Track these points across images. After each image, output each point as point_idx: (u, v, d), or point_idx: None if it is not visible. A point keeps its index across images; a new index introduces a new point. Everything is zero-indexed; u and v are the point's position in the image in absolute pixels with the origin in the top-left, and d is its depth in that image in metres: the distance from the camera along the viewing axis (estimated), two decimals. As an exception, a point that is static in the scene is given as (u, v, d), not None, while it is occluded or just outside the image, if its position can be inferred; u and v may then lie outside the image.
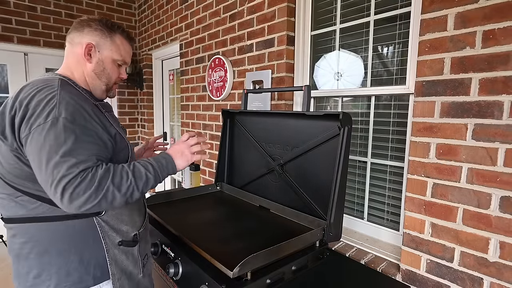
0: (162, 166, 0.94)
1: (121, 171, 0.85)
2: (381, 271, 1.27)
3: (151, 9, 3.42)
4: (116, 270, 1.00)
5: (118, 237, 1.00)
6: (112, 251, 0.99)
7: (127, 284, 1.03)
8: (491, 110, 0.97)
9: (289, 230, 1.33)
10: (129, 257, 1.04)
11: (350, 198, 1.64)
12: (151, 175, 0.90)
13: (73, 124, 0.82)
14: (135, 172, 0.87)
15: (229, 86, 2.22)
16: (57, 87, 0.86)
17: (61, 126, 0.80)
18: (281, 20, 1.77)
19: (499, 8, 0.94)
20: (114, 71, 1.04)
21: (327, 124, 1.32)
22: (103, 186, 0.80)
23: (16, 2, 3.07)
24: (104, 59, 1.00)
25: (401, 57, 1.38)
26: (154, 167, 0.92)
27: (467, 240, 1.04)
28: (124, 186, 0.84)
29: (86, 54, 0.98)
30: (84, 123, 0.84)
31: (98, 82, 1.02)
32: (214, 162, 2.47)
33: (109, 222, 0.98)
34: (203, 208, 1.58)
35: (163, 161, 0.96)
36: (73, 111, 0.83)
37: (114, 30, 1.01)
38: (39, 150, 0.79)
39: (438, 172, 1.10)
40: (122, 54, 1.04)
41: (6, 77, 3.18)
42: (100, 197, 0.80)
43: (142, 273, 1.09)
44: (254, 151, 1.70)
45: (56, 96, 0.83)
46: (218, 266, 0.98)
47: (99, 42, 0.99)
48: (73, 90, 0.91)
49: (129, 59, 1.08)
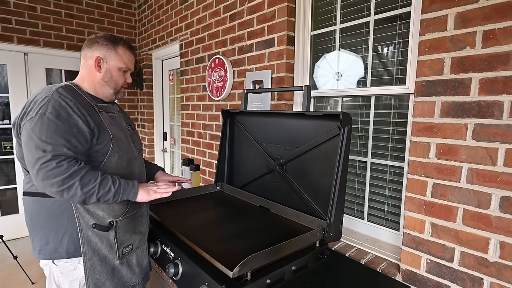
0: (126, 189, 1.08)
1: (92, 175, 1.00)
2: (381, 271, 1.27)
3: (151, 9, 3.42)
4: (88, 249, 1.11)
5: (92, 220, 1.11)
6: (85, 232, 1.10)
7: (99, 265, 1.13)
8: (491, 110, 0.97)
9: (289, 230, 1.33)
10: (103, 241, 1.13)
11: (350, 198, 1.64)
12: (113, 190, 1.04)
13: (57, 118, 1.00)
14: (103, 181, 1.02)
15: (229, 86, 2.22)
16: (52, 91, 1.05)
17: (45, 119, 0.99)
18: (281, 20, 1.77)
19: (499, 8, 0.94)
20: (120, 77, 1.23)
21: (327, 124, 1.32)
22: (71, 179, 0.96)
23: (16, 2, 3.07)
24: (111, 69, 1.20)
25: (401, 57, 1.38)
26: (120, 186, 1.06)
27: (467, 240, 1.04)
28: (87, 188, 0.99)
29: (96, 66, 1.18)
30: (66, 117, 1.01)
31: (107, 87, 1.22)
32: (214, 162, 2.47)
33: (85, 205, 1.09)
34: (203, 208, 1.58)
35: (130, 185, 1.09)
36: (59, 107, 1.02)
37: (117, 43, 1.20)
38: (28, 137, 0.99)
39: (438, 172, 1.10)
40: (125, 62, 1.23)
41: (6, 77, 3.18)
42: (64, 187, 0.96)
43: (119, 260, 1.17)
44: (254, 151, 1.70)
45: (48, 97, 1.03)
46: (218, 266, 0.98)
47: (106, 54, 1.19)
48: (71, 93, 1.09)
49: (132, 66, 1.27)
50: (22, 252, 2.80)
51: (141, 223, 1.27)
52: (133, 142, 1.27)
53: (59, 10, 3.32)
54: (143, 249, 1.29)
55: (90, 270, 1.11)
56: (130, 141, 1.25)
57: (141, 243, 1.27)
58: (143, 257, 1.29)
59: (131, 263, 1.23)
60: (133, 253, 1.23)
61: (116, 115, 1.24)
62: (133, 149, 1.25)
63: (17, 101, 3.21)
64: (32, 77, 3.29)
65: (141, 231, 1.27)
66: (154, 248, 1.34)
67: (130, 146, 1.24)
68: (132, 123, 1.36)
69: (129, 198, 1.10)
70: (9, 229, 3.17)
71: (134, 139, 1.30)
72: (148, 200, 1.14)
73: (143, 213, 1.29)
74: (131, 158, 1.22)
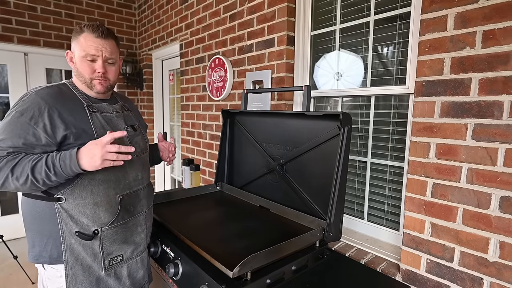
0: (65, 163, 0.96)
1: (24, 163, 0.95)
2: (381, 271, 1.27)
3: (151, 9, 3.42)
4: (71, 258, 1.06)
5: (75, 227, 1.06)
6: (68, 239, 1.06)
7: (81, 275, 1.08)
8: (491, 110, 0.97)
9: (289, 230, 1.33)
10: (87, 250, 1.08)
11: (350, 198, 1.64)
12: (52, 172, 0.96)
13: (17, 119, 0.98)
14: (35, 166, 0.95)
15: (229, 86, 2.22)
16: (35, 90, 1.04)
17: (9, 119, 0.99)
18: (281, 20, 1.77)
19: (499, 8, 0.94)
20: (84, 67, 1.10)
21: (327, 124, 1.32)
22: (3, 173, 0.94)
23: (16, 2, 3.07)
24: (76, 60, 1.11)
25: (401, 57, 1.38)
26: (54, 165, 0.96)
27: (467, 240, 1.04)
28: (22, 178, 0.94)
29: (69, 61, 1.14)
30: (27, 120, 0.98)
31: (79, 82, 1.14)
32: (214, 162, 2.47)
33: (68, 211, 1.05)
34: (203, 208, 1.58)
35: (68, 157, 0.97)
36: (27, 108, 0.99)
37: (82, 31, 1.09)
38: None
39: (438, 172, 1.10)
40: (85, 49, 1.08)
41: (6, 77, 3.18)
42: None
43: (105, 271, 1.11)
44: (254, 151, 1.70)
45: (27, 95, 1.02)
46: (218, 266, 0.98)
47: (73, 47, 1.11)
48: (57, 95, 1.05)
49: (95, 51, 1.08)
50: (22, 252, 2.79)
51: (136, 232, 1.19)
52: (132, 144, 1.19)
53: (59, 10, 3.33)
54: (138, 260, 1.21)
55: (72, 279, 1.06)
56: (128, 144, 1.16)
57: (136, 254, 1.20)
58: (137, 268, 1.20)
59: (120, 275, 1.15)
60: (123, 264, 1.16)
61: (113, 116, 1.16)
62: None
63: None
64: (32, 77, 3.29)
65: (135, 241, 1.19)
66: (154, 248, 1.34)
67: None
68: (135, 123, 1.26)
69: (75, 170, 0.97)
70: (9, 229, 3.18)
71: (135, 141, 1.22)
72: (97, 167, 0.98)
73: (139, 222, 1.21)
74: (124, 162, 1.10)
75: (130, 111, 1.30)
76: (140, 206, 1.22)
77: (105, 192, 1.09)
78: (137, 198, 1.20)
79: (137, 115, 1.36)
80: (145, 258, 1.25)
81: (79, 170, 0.97)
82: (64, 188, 1.04)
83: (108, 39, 1.11)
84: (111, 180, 1.11)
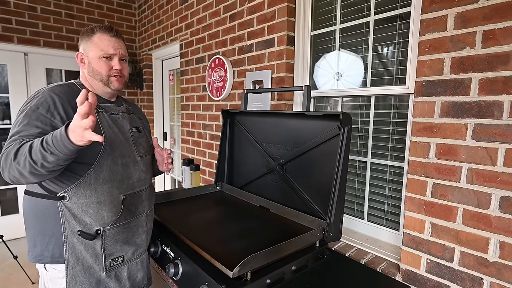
0: (57, 141, 0.87)
1: (23, 148, 0.91)
2: (381, 271, 1.27)
3: (151, 9, 3.42)
4: (72, 257, 1.06)
5: (78, 226, 1.06)
6: (70, 238, 1.05)
7: (82, 275, 1.07)
8: (491, 110, 0.97)
9: (289, 230, 1.33)
10: (89, 250, 1.07)
11: (350, 198, 1.64)
12: (48, 152, 0.87)
13: (33, 112, 0.99)
14: (31, 150, 0.89)
15: (229, 86, 2.22)
16: (48, 87, 1.06)
17: (25, 113, 1.00)
18: (281, 20, 1.77)
19: (499, 8, 0.94)
20: (102, 66, 1.14)
21: (327, 124, 1.32)
22: (6, 161, 0.92)
23: (16, 2, 3.07)
24: (92, 61, 1.14)
25: (401, 57, 1.38)
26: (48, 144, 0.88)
27: (467, 240, 1.04)
28: (21, 164, 0.89)
29: (80, 62, 1.17)
30: (43, 112, 1.00)
31: (95, 81, 1.16)
32: (214, 162, 2.47)
33: (72, 210, 1.05)
34: (203, 208, 1.58)
35: (58, 136, 0.87)
36: (42, 102, 1.01)
37: (93, 32, 1.13)
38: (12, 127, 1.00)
39: (438, 172, 1.10)
40: (103, 49, 1.13)
41: (6, 77, 3.18)
42: (5, 169, 0.93)
43: (105, 272, 1.10)
44: (254, 151, 1.70)
45: (40, 92, 1.04)
46: (218, 266, 0.98)
47: (85, 48, 1.15)
48: (68, 92, 1.07)
49: (114, 49, 1.15)
50: (22, 252, 2.79)
51: (137, 234, 1.19)
52: (136, 145, 1.21)
53: (59, 10, 3.33)
54: (138, 262, 1.21)
55: (72, 280, 1.05)
56: (132, 144, 1.19)
57: (136, 255, 1.20)
58: (137, 270, 1.20)
59: (121, 276, 1.15)
60: (124, 265, 1.16)
61: (119, 117, 1.19)
62: (134, 153, 1.19)
63: (17, 101, 3.21)
64: (32, 77, 3.29)
65: (136, 243, 1.19)
66: (154, 248, 1.34)
67: (130, 149, 1.18)
68: (140, 125, 1.29)
69: (68, 146, 0.86)
70: (9, 229, 3.18)
71: (139, 143, 1.24)
72: (83, 142, 0.86)
73: (140, 223, 1.21)
74: (129, 162, 1.16)
75: (134, 114, 1.33)
76: (142, 207, 1.22)
77: (109, 192, 1.10)
78: (140, 198, 1.21)
79: (143, 119, 1.39)
80: (145, 260, 1.25)
81: (71, 144, 0.86)
82: (68, 187, 1.04)
83: (120, 38, 1.19)
84: (116, 180, 1.11)
